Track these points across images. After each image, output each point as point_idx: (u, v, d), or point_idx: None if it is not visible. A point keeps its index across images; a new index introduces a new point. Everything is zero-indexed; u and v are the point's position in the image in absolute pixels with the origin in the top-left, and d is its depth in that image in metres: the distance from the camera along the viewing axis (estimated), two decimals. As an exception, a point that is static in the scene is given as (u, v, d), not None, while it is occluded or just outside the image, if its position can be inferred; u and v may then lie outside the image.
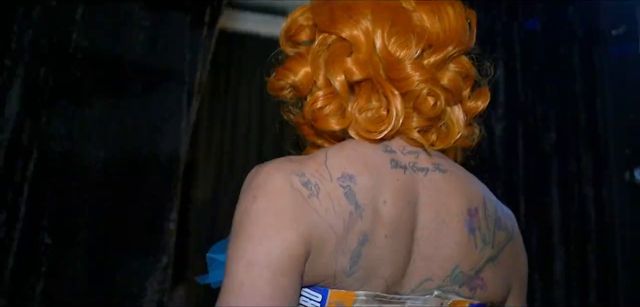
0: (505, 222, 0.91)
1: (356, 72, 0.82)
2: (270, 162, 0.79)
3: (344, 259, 0.77)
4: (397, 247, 0.80)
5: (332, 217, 0.76)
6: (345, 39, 0.83)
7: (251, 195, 0.75)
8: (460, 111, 0.88)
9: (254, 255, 0.72)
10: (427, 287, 0.83)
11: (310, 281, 0.77)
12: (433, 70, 0.84)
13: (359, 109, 0.83)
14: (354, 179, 0.79)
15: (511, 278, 0.91)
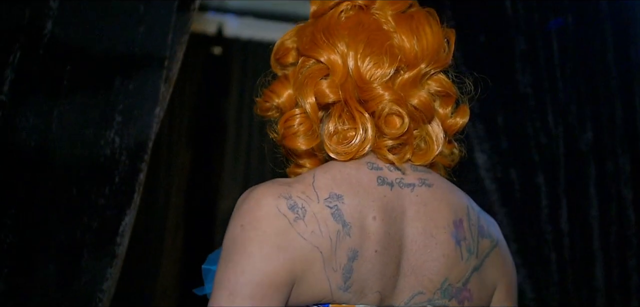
0: (489, 229, 0.94)
1: (329, 95, 0.87)
2: (260, 185, 0.83)
3: (337, 276, 0.81)
4: (387, 261, 0.84)
5: (318, 239, 0.80)
6: (323, 62, 0.87)
7: (239, 223, 0.80)
8: (440, 129, 0.91)
9: (237, 286, 0.77)
10: (419, 301, 0.86)
11: (308, 301, 0.82)
12: (406, 89, 0.87)
13: (329, 130, 0.88)
14: (341, 198, 0.83)
15: (496, 281, 0.94)
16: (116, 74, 1.57)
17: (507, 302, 0.96)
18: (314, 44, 0.89)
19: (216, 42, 3.69)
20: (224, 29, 3.68)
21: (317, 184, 0.84)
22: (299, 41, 0.92)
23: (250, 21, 3.67)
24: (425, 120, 0.91)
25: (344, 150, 0.87)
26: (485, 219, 0.96)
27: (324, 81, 0.88)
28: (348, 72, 0.87)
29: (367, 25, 0.89)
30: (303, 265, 0.80)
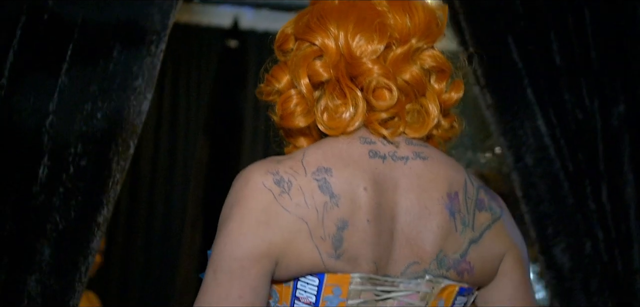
0: (490, 203, 0.95)
1: (322, 73, 0.90)
2: (252, 164, 0.88)
3: (326, 245, 0.84)
4: (380, 231, 0.87)
5: (303, 210, 0.84)
6: (317, 45, 0.92)
7: (229, 203, 0.86)
8: (435, 103, 0.93)
9: (218, 262, 0.82)
10: (415, 270, 0.89)
11: (300, 272, 0.85)
12: (397, 64, 0.90)
13: (321, 106, 0.91)
14: (330, 171, 0.86)
15: (501, 254, 0.94)
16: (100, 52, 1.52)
17: (514, 272, 0.95)
18: (308, 28, 0.93)
19: (232, 35, 3.65)
20: (239, 21, 3.64)
21: (307, 159, 0.88)
22: (296, 27, 0.96)
23: (266, 13, 3.61)
24: (418, 94, 0.93)
25: (335, 125, 0.90)
26: (487, 193, 0.96)
27: (318, 61, 0.92)
28: (340, 51, 0.91)
29: (359, 7, 0.93)
30: (287, 237, 0.84)
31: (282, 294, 0.89)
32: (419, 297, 0.89)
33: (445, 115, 0.97)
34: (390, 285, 0.89)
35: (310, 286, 0.87)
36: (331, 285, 0.86)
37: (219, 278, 0.82)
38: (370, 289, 0.87)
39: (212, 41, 3.66)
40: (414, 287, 0.89)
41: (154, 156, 3.51)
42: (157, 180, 3.49)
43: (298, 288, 0.87)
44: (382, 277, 0.88)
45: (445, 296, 0.91)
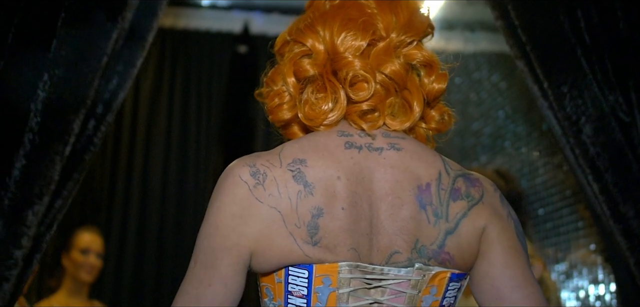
0: (468, 191, 0.95)
1: (308, 69, 0.95)
2: (238, 159, 0.94)
3: (301, 232, 0.88)
4: (357, 218, 0.90)
5: (276, 200, 0.89)
6: (307, 46, 0.97)
7: (212, 196, 0.93)
8: (419, 96, 0.96)
9: (196, 253, 0.90)
10: (398, 259, 0.90)
11: (282, 262, 0.89)
12: (379, 58, 0.94)
13: (304, 98, 0.96)
14: (304, 162, 0.91)
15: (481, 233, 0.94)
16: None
17: (501, 239, 0.95)
18: (300, 31, 0.99)
19: (242, 41, 3.61)
20: (250, 26, 3.61)
21: (284, 152, 0.93)
22: (291, 31, 1.01)
23: (276, 18, 3.58)
24: (399, 88, 0.95)
25: (313, 116, 0.95)
26: (466, 180, 0.96)
27: (306, 59, 0.97)
28: (326, 49, 0.96)
29: (347, 7, 0.97)
30: (262, 227, 0.89)
31: (276, 292, 0.93)
32: (410, 285, 0.91)
33: (433, 107, 1.00)
34: (379, 273, 0.90)
35: (301, 279, 0.90)
36: (321, 275, 0.89)
37: (195, 267, 0.90)
38: (360, 277, 0.90)
39: (223, 47, 3.63)
40: (404, 276, 0.91)
41: (165, 163, 3.46)
42: (168, 187, 3.44)
43: (289, 283, 0.91)
44: (371, 266, 0.90)
45: (437, 283, 0.92)
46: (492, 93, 2.91)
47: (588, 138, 1.43)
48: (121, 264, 3.27)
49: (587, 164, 1.43)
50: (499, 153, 2.80)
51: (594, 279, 2.16)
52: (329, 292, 0.89)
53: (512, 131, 2.71)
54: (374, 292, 0.91)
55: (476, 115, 3.05)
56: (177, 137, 3.51)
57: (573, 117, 1.45)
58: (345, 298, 0.90)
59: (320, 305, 0.90)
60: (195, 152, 3.51)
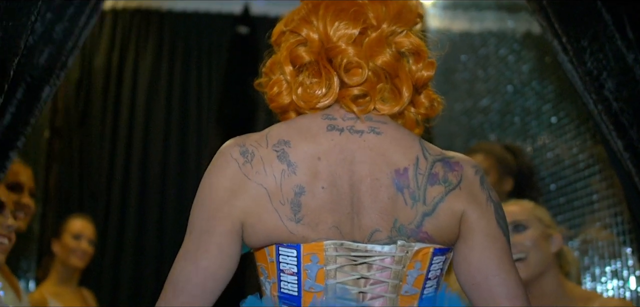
0: (446, 176, 0.99)
1: (304, 56, 1.01)
2: (230, 139, 1.01)
3: (285, 209, 0.95)
4: (337, 198, 0.96)
5: (262, 177, 0.95)
6: (302, 35, 1.02)
7: (206, 172, 0.99)
8: (409, 83, 1.01)
9: (191, 224, 0.97)
10: (379, 237, 0.96)
11: (268, 233, 0.95)
12: (372, 47, 0.99)
13: (300, 84, 1.01)
14: (288, 143, 0.97)
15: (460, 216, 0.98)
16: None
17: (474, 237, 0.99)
18: (295, 21, 1.04)
19: (243, 22, 3.53)
20: (250, 8, 3.53)
21: (270, 133, 0.99)
22: (287, 22, 1.06)
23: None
24: (390, 76, 1.00)
25: (307, 99, 1.00)
26: (444, 165, 1.00)
27: (301, 47, 1.02)
28: (321, 38, 1.01)
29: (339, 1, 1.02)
30: (250, 202, 0.96)
31: (269, 271, 0.99)
32: (394, 261, 0.96)
33: (421, 93, 1.05)
34: (363, 251, 0.96)
35: (291, 258, 0.96)
36: (309, 254, 0.95)
37: (190, 235, 0.97)
38: (345, 255, 0.95)
39: (223, 29, 3.55)
40: (388, 252, 0.96)
41: (164, 148, 3.38)
42: (168, 171, 3.37)
43: (280, 262, 0.97)
44: (355, 244, 0.95)
45: (421, 258, 0.97)
46: (499, 68, 2.82)
47: (611, 93, 1.35)
48: (120, 251, 3.20)
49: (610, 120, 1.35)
50: (509, 129, 2.70)
51: (611, 254, 2.06)
52: (317, 269, 0.95)
53: (521, 106, 2.62)
54: (361, 268, 0.97)
55: (484, 93, 2.95)
56: (176, 121, 3.43)
57: (594, 72, 1.37)
58: (333, 274, 0.96)
59: (310, 281, 0.96)
60: (195, 136, 3.43)
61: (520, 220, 1.75)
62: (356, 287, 0.96)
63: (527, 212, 1.76)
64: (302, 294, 0.97)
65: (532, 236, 1.73)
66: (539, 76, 2.50)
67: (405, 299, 0.97)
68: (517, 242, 1.73)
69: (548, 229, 1.75)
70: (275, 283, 0.99)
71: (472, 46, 3.10)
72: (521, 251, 1.73)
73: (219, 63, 3.53)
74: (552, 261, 1.74)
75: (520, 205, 1.80)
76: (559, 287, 1.72)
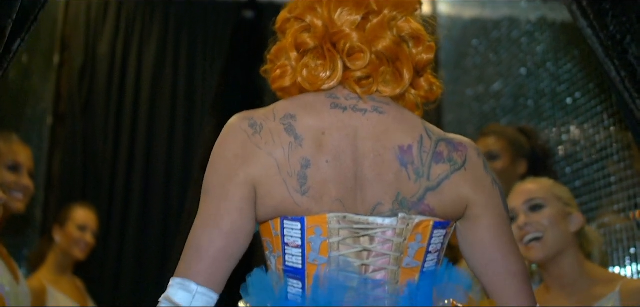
0: (451, 155, 1.03)
1: (308, 42, 1.04)
2: (236, 114, 1.04)
3: (293, 180, 0.97)
4: (341, 171, 0.99)
5: (271, 147, 0.98)
6: (306, 21, 1.05)
7: (216, 144, 1.01)
8: (410, 66, 1.05)
9: (208, 188, 0.99)
10: (381, 210, 0.99)
11: (276, 204, 0.98)
12: (374, 32, 1.03)
13: (304, 65, 1.04)
14: (294, 117, 1.00)
15: (467, 201, 1.02)
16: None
17: (491, 221, 1.03)
18: (299, 9, 1.07)
19: (249, 6, 3.48)
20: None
21: (277, 108, 1.03)
22: (292, 9, 1.09)
23: (283, -17, 3.44)
24: (391, 60, 1.04)
25: (312, 80, 1.03)
26: (448, 145, 1.04)
27: (305, 33, 1.05)
28: (325, 24, 1.04)
29: None
30: (261, 170, 0.98)
31: (274, 245, 1.01)
32: (395, 233, 0.99)
33: (421, 76, 1.09)
34: (365, 223, 0.98)
35: (295, 231, 0.98)
36: (312, 226, 0.97)
37: (208, 200, 0.98)
38: (347, 227, 0.98)
39: (229, 14, 3.50)
40: (389, 224, 0.98)
41: (169, 133, 3.33)
42: (173, 158, 3.32)
43: (285, 235, 0.99)
44: (357, 216, 0.98)
45: (421, 231, 1.00)
46: (512, 51, 2.75)
47: (635, 58, 1.28)
48: (124, 239, 3.14)
49: (634, 87, 1.28)
50: (522, 112, 2.63)
51: (630, 239, 1.99)
52: (320, 242, 0.97)
53: (534, 88, 2.54)
54: (363, 241, 0.99)
55: (496, 77, 2.88)
56: (181, 108, 3.38)
57: (617, 36, 1.29)
58: (336, 246, 0.98)
59: (314, 254, 0.98)
60: (200, 124, 3.38)
61: (537, 198, 1.69)
62: (359, 260, 0.99)
63: (545, 191, 1.70)
64: (306, 267, 0.98)
65: (550, 214, 1.66)
66: (554, 57, 2.43)
67: (406, 272, 1.00)
68: (534, 221, 1.67)
69: (567, 208, 1.69)
70: (280, 257, 1.01)
71: (484, 29, 3.03)
72: (538, 230, 1.67)
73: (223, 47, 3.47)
74: (572, 241, 1.67)
75: (538, 183, 1.73)
76: (579, 267, 1.65)
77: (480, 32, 3.03)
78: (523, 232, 1.68)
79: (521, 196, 1.71)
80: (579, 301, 1.62)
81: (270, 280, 1.02)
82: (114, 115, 3.30)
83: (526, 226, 1.67)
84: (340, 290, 0.96)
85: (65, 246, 2.52)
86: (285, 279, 1.00)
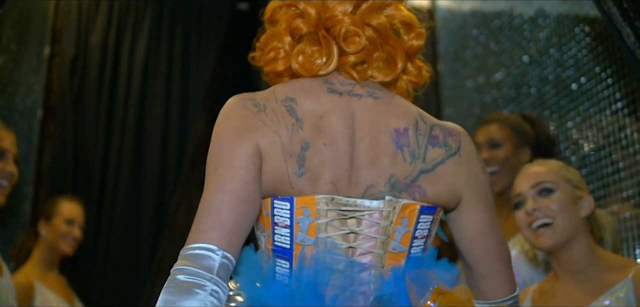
0: (446, 140, 1.05)
1: (302, 27, 1.05)
2: (234, 96, 1.04)
3: (292, 161, 0.98)
4: (337, 154, 1.00)
5: (277, 125, 0.99)
6: (299, 8, 1.06)
7: (217, 122, 1.02)
8: (401, 52, 1.07)
9: (221, 158, 0.98)
10: (373, 192, 1.00)
11: (273, 183, 0.98)
12: (365, 15, 1.05)
13: (300, 52, 1.05)
14: (295, 100, 1.02)
15: (461, 189, 1.05)
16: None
17: (481, 208, 1.07)
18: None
19: None
20: (252, -15, 3.41)
21: (276, 91, 1.04)
22: None
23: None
24: (384, 41, 1.07)
25: (309, 67, 1.05)
26: (443, 130, 1.06)
27: (299, 19, 1.07)
28: (318, 10, 1.06)
29: None
30: (267, 144, 0.98)
31: (264, 224, 1.03)
32: (382, 215, 1.00)
33: (412, 62, 1.12)
34: (353, 206, 0.99)
35: (284, 211, 0.99)
36: (301, 207, 0.98)
37: (220, 171, 0.96)
38: (335, 209, 0.99)
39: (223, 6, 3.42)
40: (376, 207, 1.00)
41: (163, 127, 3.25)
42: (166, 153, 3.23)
43: (275, 215, 1.00)
44: (345, 198, 0.99)
45: (408, 214, 1.01)
46: (514, 38, 2.68)
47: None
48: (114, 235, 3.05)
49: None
50: (524, 101, 2.56)
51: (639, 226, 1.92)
52: (309, 223, 0.98)
53: (538, 76, 2.48)
54: (350, 223, 1.00)
55: (497, 66, 2.81)
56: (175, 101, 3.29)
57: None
58: (324, 228, 0.99)
59: (302, 234, 0.99)
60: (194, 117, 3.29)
61: (547, 182, 1.61)
62: (346, 242, 1.00)
63: (554, 173, 1.62)
64: (293, 247, 0.99)
65: (560, 199, 1.59)
66: (558, 42, 2.36)
67: (392, 256, 1.00)
68: (543, 206, 1.59)
69: (577, 191, 1.61)
70: (269, 236, 1.02)
71: (485, 19, 2.96)
72: (547, 216, 1.59)
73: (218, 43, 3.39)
74: (582, 226, 1.59)
75: (547, 165, 1.65)
76: (590, 254, 1.58)
77: (480, 22, 2.97)
78: (531, 218, 1.60)
79: (529, 179, 1.63)
80: (590, 289, 1.55)
81: (259, 259, 1.03)
82: (105, 109, 3.21)
83: (535, 211, 1.59)
84: (327, 271, 0.97)
85: (51, 240, 2.42)
86: (274, 258, 1.01)
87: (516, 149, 2.15)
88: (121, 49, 3.29)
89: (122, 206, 3.09)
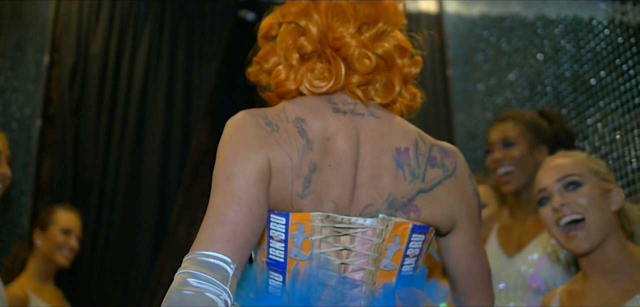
0: (443, 161, 1.08)
1: (306, 46, 1.07)
2: (243, 112, 1.04)
3: (299, 183, 0.99)
4: (342, 175, 1.02)
5: (289, 147, 1.00)
6: (301, 25, 1.08)
7: (227, 133, 1.01)
8: (399, 77, 1.11)
9: (235, 169, 0.96)
10: (370, 211, 1.02)
11: (275, 201, 0.99)
12: (372, 41, 1.09)
13: (307, 70, 1.07)
14: (305, 121, 1.03)
15: (455, 212, 1.08)
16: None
17: (469, 231, 1.10)
18: (292, 13, 1.08)
19: (248, 6, 3.34)
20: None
21: (286, 110, 1.04)
22: (283, 14, 1.10)
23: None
24: (388, 67, 1.09)
25: (320, 85, 1.05)
26: (441, 151, 1.09)
27: (302, 38, 1.07)
28: (320, 29, 1.06)
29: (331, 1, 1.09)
30: (278, 165, 0.98)
31: (260, 237, 1.00)
32: (375, 233, 1.01)
33: (406, 87, 1.13)
34: (347, 223, 1.01)
35: (280, 225, 1.00)
36: (296, 223, 0.99)
37: (234, 183, 0.95)
38: (329, 226, 1.00)
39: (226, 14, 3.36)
40: (369, 225, 1.01)
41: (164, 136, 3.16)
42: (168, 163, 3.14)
43: (271, 228, 1.01)
44: (340, 216, 1.00)
45: (400, 233, 1.02)
46: (526, 36, 2.59)
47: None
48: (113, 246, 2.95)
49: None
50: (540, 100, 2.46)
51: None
52: (303, 238, 0.99)
53: (552, 73, 2.38)
54: (344, 240, 1.01)
55: (510, 67, 2.72)
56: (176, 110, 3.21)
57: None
58: (318, 244, 1.00)
59: (296, 249, 1.00)
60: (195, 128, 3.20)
61: (573, 175, 1.48)
62: (338, 259, 1.01)
63: (580, 165, 1.50)
64: (287, 261, 1.00)
65: (588, 192, 1.46)
66: (575, 37, 2.27)
67: (384, 274, 1.02)
68: (571, 201, 1.46)
69: (606, 184, 1.49)
70: (264, 249, 1.02)
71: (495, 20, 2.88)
72: (576, 212, 1.45)
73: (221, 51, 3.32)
74: (614, 222, 1.48)
75: (572, 157, 1.54)
76: (623, 251, 1.45)
77: (490, 23, 2.88)
78: (559, 214, 1.47)
79: (553, 173, 1.51)
80: (623, 289, 1.42)
81: (253, 271, 1.05)
82: (105, 119, 3.13)
83: (563, 207, 1.46)
84: (319, 286, 0.98)
85: (47, 251, 2.32)
86: (268, 271, 1.02)
87: (531, 147, 2.03)
88: (122, 57, 3.22)
89: (121, 217, 3.00)
